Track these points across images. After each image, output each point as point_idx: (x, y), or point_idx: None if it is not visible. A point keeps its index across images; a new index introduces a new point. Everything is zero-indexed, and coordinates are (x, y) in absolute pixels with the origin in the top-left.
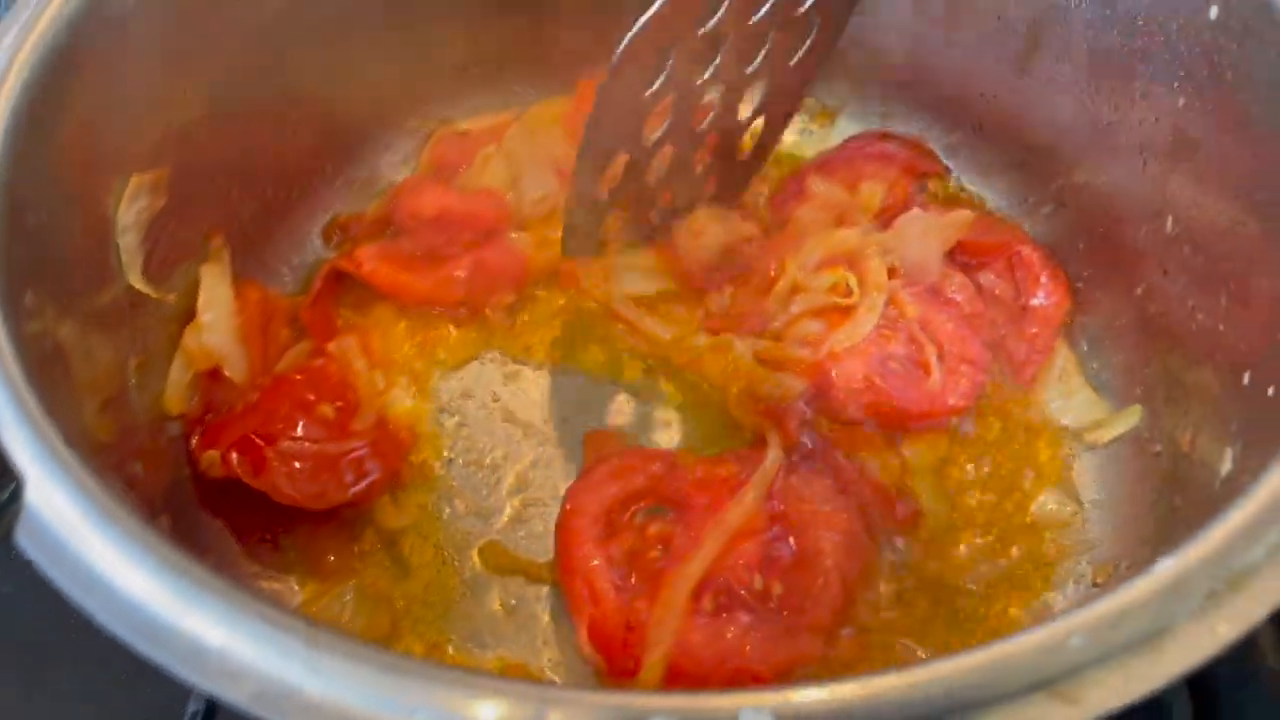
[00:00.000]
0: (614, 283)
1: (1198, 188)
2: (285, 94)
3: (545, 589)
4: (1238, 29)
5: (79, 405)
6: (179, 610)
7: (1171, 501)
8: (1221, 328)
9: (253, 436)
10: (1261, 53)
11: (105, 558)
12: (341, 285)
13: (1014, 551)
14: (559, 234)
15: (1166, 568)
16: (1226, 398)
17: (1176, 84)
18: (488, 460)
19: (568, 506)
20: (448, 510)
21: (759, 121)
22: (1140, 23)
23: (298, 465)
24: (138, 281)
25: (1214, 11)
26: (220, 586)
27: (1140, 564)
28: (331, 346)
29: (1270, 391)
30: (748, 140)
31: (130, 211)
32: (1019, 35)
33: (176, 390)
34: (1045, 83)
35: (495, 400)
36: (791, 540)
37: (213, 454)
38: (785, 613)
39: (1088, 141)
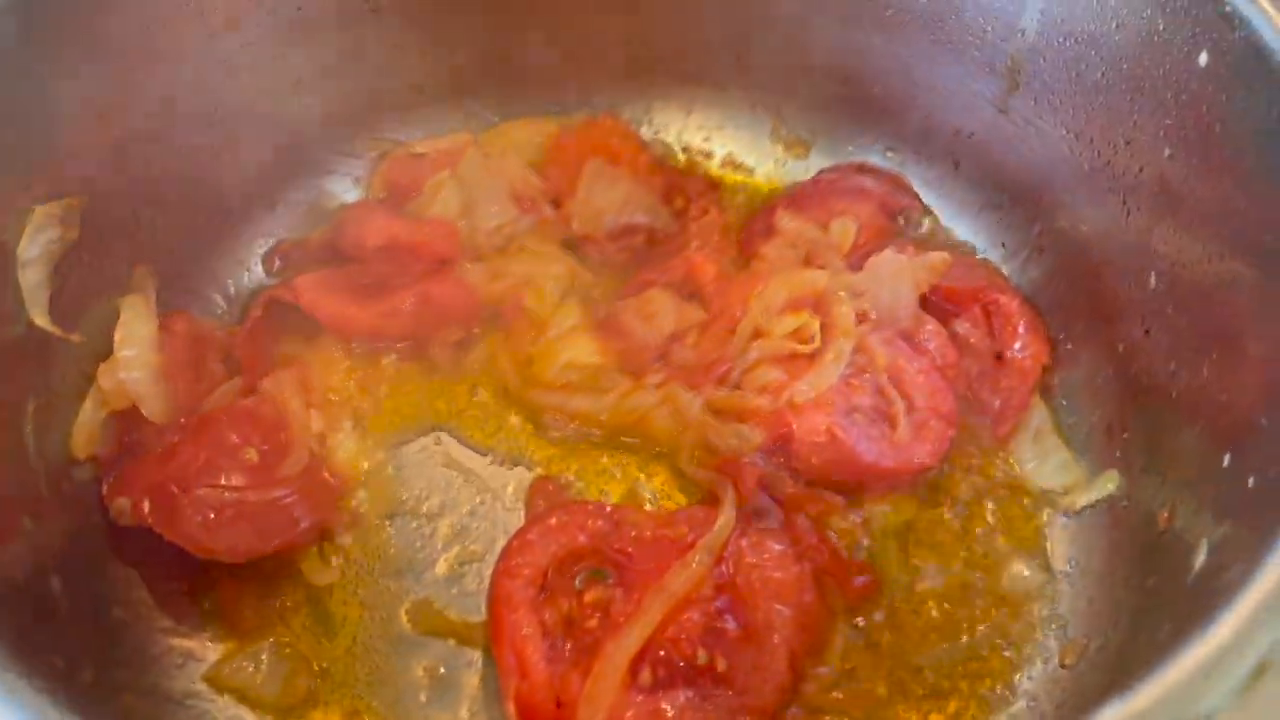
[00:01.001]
0: (546, 363)
1: (1182, 244)
2: (226, 112)
3: (477, 654)
4: (1228, 77)
5: None
6: None
7: (1145, 582)
8: (1203, 398)
9: (167, 483)
10: (1252, 104)
11: None
12: (281, 316)
13: (979, 628)
14: (513, 265)
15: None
16: (1204, 478)
17: (1162, 132)
18: (424, 508)
19: (500, 567)
20: (378, 564)
21: None
22: (1125, 66)
23: (214, 515)
24: (42, 320)
25: (1204, 58)
26: None
27: (1111, 647)
28: (265, 383)
29: (1251, 482)
30: None
31: (35, 245)
32: (999, 72)
33: (86, 432)
34: (1025, 123)
35: (437, 443)
36: (739, 611)
37: (123, 501)
38: (728, 691)
39: (1070, 187)
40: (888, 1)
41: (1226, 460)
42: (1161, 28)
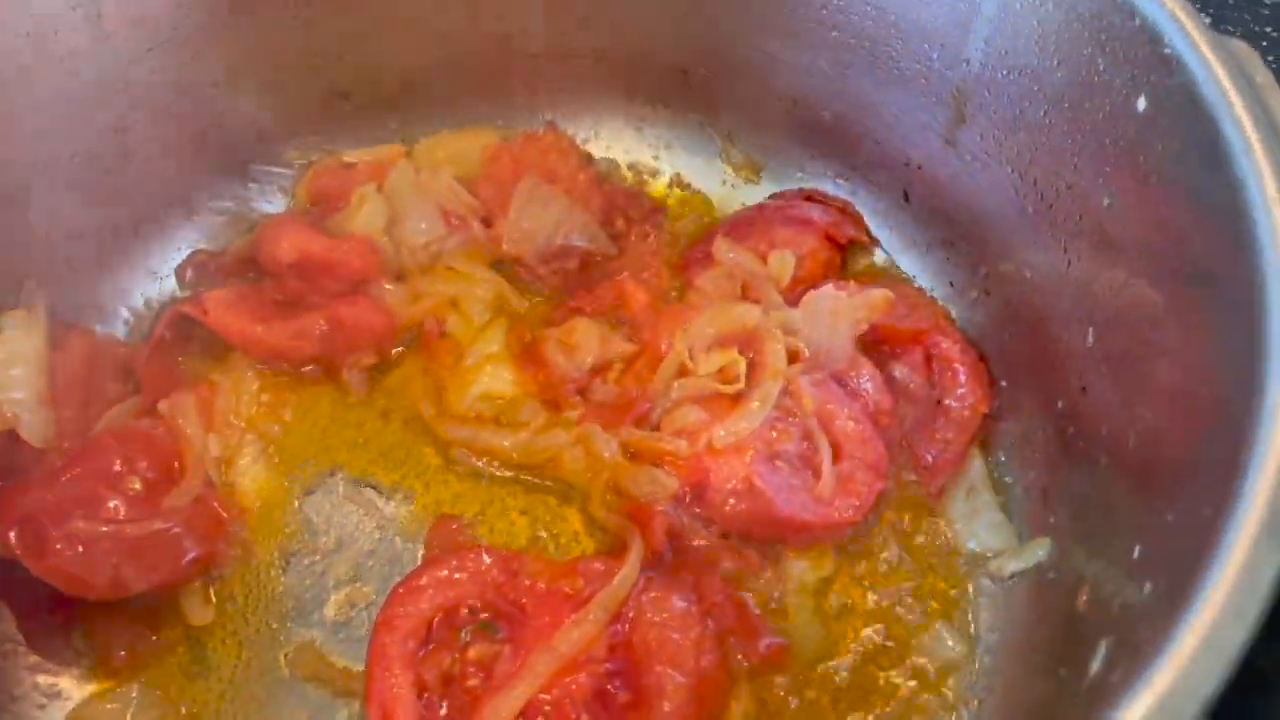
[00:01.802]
0: (459, 392)
1: (1118, 303)
2: (126, 118)
3: (356, 704)
4: (1165, 125)
5: None
6: None
7: (1057, 670)
8: (1125, 473)
9: (39, 514)
10: (1187, 156)
11: None
12: (189, 332)
13: (892, 700)
14: (437, 285)
15: None
16: (1119, 565)
17: (1101, 179)
18: (320, 544)
19: (381, 616)
20: (263, 603)
21: None
22: (1066, 105)
23: (84, 550)
24: None
25: (1142, 103)
26: None
27: None
28: (162, 405)
29: (1147, 587)
30: None
31: None
32: (945, 102)
33: None
34: (972, 158)
35: (341, 474)
36: (631, 675)
37: None
38: None
39: (1015, 229)
40: (833, 23)
41: (1136, 553)
42: (1101, 68)
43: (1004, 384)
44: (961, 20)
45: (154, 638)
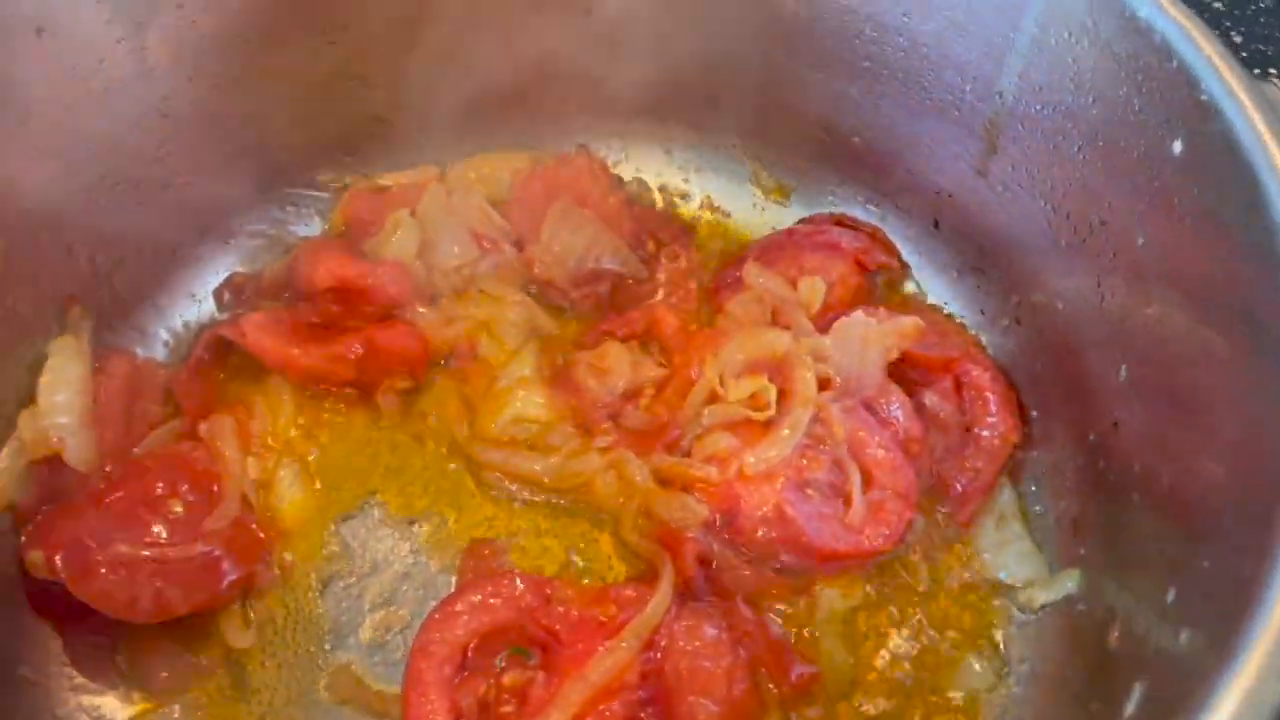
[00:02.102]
0: (492, 416)
1: (1152, 341)
2: (166, 145)
3: None
4: (1200, 170)
5: None
6: None
7: (1089, 705)
8: (1158, 513)
9: (84, 538)
10: (1223, 203)
11: None
12: (226, 355)
13: None
14: (470, 309)
15: None
16: (1152, 606)
17: (1136, 219)
18: (355, 567)
19: (418, 642)
20: (301, 625)
21: None
22: (1101, 143)
23: (128, 574)
24: None
25: (1178, 146)
26: None
27: None
28: (202, 428)
29: (1183, 637)
30: None
31: None
32: (977, 134)
33: (3, 482)
34: (1004, 189)
35: (377, 497)
36: (663, 703)
37: (37, 555)
38: None
39: (1047, 261)
40: (866, 53)
41: (1171, 596)
42: (1137, 108)
43: (1035, 414)
44: (995, 54)
45: (194, 660)
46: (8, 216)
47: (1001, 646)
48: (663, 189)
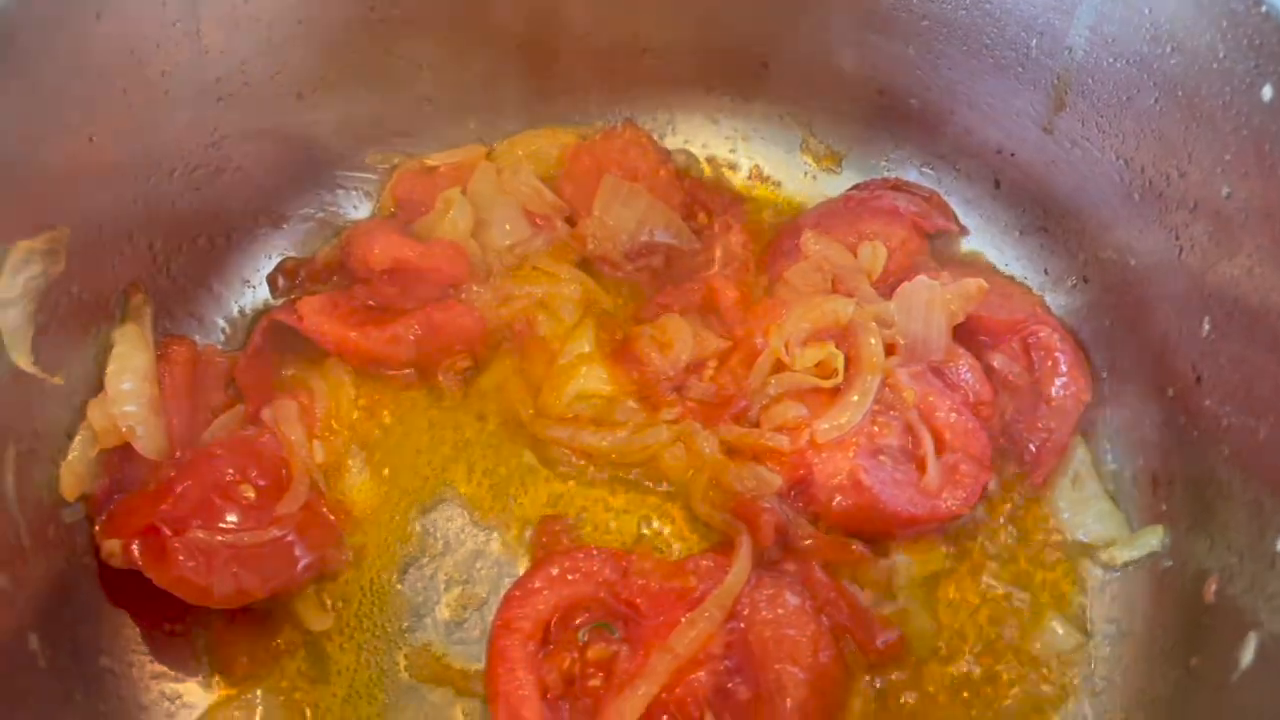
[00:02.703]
0: (555, 393)
1: (1240, 290)
2: (220, 129)
3: (476, 704)
4: None
5: None
6: None
7: (1188, 659)
8: (1258, 464)
9: (159, 525)
10: None
11: None
12: (284, 339)
13: (1010, 690)
14: (525, 287)
15: None
16: (1254, 557)
17: (1220, 168)
18: (427, 547)
19: (500, 620)
20: (377, 607)
21: None
22: (1180, 93)
23: (206, 560)
24: (25, 363)
25: (1268, 92)
26: None
27: None
28: (265, 413)
29: None
30: None
31: (15, 284)
32: (1044, 90)
33: (75, 472)
34: (1071, 145)
35: (443, 478)
36: (750, 672)
37: (113, 543)
38: None
39: (1118, 216)
40: (924, 11)
41: (1279, 545)
42: (1221, 55)
43: (1105, 373)
44: (1064, 7)
45: (273, 645)
46: (71, 204)
47: (1085, 607)
48: (710, 160)
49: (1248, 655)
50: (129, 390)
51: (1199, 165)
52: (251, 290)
